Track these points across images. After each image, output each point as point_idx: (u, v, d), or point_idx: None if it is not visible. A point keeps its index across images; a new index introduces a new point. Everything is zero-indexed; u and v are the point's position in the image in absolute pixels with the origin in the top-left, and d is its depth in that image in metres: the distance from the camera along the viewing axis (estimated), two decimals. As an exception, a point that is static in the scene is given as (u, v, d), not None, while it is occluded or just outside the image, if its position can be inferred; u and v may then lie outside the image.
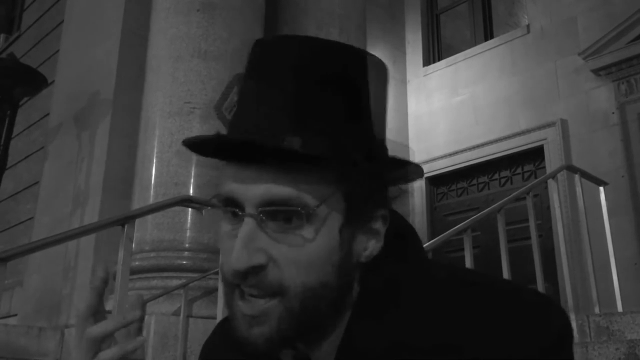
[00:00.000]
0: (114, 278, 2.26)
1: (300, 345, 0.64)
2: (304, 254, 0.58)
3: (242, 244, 0.57)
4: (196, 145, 0.63)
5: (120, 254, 2.35)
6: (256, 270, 0.57)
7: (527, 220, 3.91)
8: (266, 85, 0.61)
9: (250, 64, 0.65)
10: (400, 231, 0.66)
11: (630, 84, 5.97)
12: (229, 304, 0.62)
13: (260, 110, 0.59)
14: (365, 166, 0.60)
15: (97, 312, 0.64)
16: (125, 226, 2.36)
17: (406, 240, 0.66)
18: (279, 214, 0.58)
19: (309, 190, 0.58)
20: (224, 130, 0.64)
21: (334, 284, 0.60)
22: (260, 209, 0.58)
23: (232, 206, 0.60)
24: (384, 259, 0.63)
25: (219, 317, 2.29)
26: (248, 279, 0.58)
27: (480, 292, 0.60)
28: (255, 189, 0.58)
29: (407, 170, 0.64)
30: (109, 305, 3.87)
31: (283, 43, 0.63)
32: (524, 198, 3.96)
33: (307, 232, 0.58)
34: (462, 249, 3.41)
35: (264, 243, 0.58)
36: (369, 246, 0.63)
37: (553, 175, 4.19)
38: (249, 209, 0.58)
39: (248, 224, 0.58)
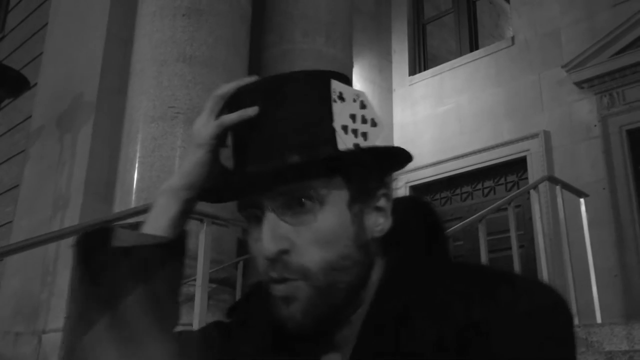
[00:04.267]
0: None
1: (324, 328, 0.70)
2: (320, 232, 0.67)
3: (268, 235, 0.67)
4: (210, 193, 0.75)
5: (97, 260, 2.31)
6: (282, 254, 0.66)
7: (509, 230, 3.93)
8: (253, 119, 0.70)
9: (231, 108, 0.74)
10: (427, 225, 0.75)
11: (612, 97, 6.04)
12: (266, 293, 0.69)
13: (256, 139, 0.70)
14: (357, 151, 0.70)
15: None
16: (103, 231, 2.32)
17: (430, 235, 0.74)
18: (292, 202, 0.67)
19: (314, 178, 0.67)
20: None
21: (354, 257, 0.68)
22: (275, 202, 0.67)
23: (254, 208, 0.69)
24: (407, 244, 0.72)
25: (195, 325, 2.27)
26: (277, 265, 0.67)
27: (497, 273, 0.68)
28: (269, 190, 0.68)
29: (391, 151, 0.73)
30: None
31: (251, 85, 0.73)
32: (507, 208, 3.98)
33: (317, 212, 0.67)
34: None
35: (286, 231, 0.67)
36: (379, 223, 0.71)
37: (534, 187, 4.22)
38: (267, 205, 0.68)
39: (269, 218, 0.68)
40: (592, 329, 3.29)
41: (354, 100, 0.72)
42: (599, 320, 4.13)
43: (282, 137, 0.68)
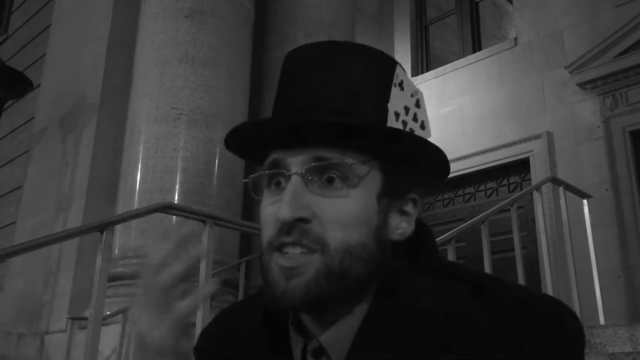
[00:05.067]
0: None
1: (314, 326, 0.66)
2: (345, 212, 0.62)
3: (289, 199, 0.62)
4: (238, 136, 0.69)
5: (98, 261, 2.31)
6: (301, 223, 0.62)
7: (512, 231, 3.92)
8: (309, 73, 0.67)
9: (289, 60, 0.71)
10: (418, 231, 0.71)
11: (615, 98, 6.02)
12: (266, 267, 0.64)
13: (306, 92, 0.66)
14: (400, 143, 0.66)
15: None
16: (104, 232, 2.33)
17: (422, 242, 0.70)
18: (323, 173, 0.63)
19: (351, 155, 0.64)
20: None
21: (372, 248, 0.64)
22: (306, 166, 0.63)
23: (279, 169, 0.65)
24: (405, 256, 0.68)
25: (198, 325, 2.27)
26: (292, 233, 0.62)
27: (495, 294, 0.63)
28: (302, 151, 0.64)
29: (433, 158, 0.68)
30: (85, 312, 3.82)
31: (316, 44, 0.70)
32: (509, 210, 3.97)
33: (348, 192, 0.63)
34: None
35: (309, 200, 0.62)
36: (402, 226, 0.68)
37: (537, 188, 4.20)
38: (295, 169, 0.64)
39: (294, 182, 0.63)
40: (595, 330, 3.28)
41: (412, 95, 0.70)
42: (602, 321, 4.12)
43: (334, 97, 0.65)
